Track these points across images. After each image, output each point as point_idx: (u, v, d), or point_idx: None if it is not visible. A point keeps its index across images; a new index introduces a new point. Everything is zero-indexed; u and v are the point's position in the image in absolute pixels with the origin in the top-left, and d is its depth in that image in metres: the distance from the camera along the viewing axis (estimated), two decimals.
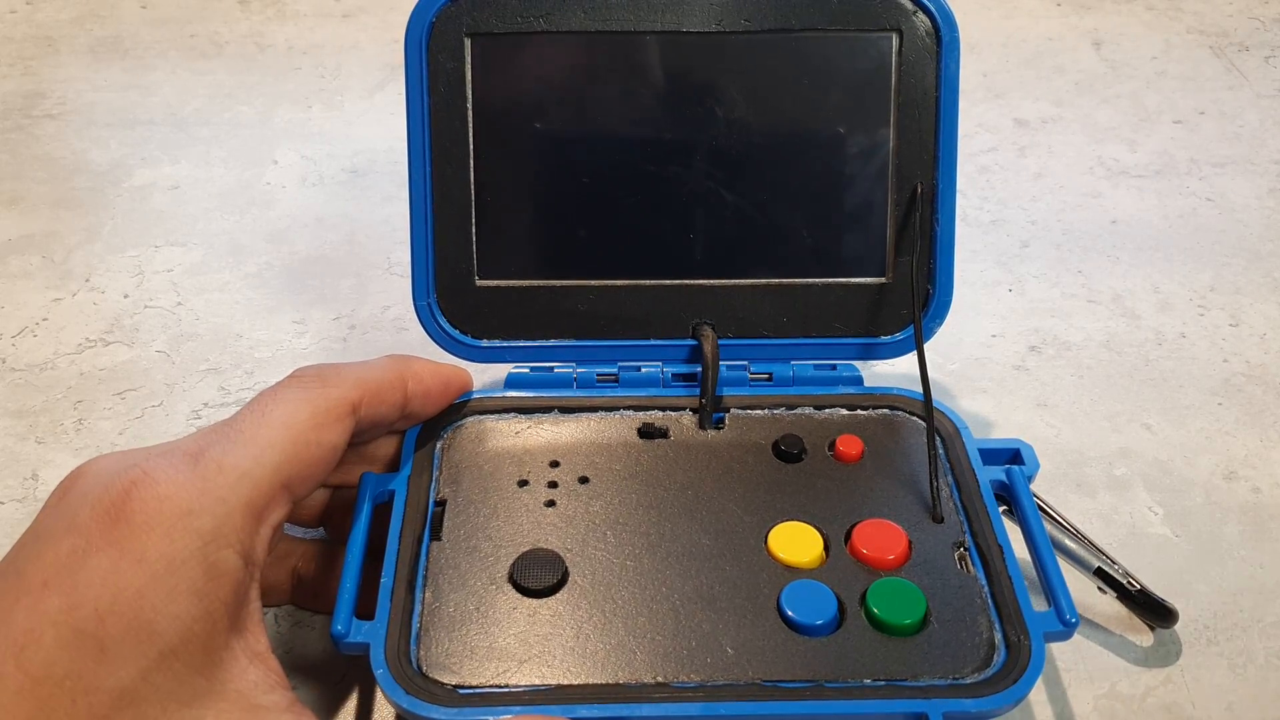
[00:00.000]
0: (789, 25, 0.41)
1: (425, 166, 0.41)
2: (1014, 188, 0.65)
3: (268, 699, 0.31)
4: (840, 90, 0.42)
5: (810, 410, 0.42)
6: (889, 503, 0.38)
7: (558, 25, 0.41)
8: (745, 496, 0.38)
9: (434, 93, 0.41)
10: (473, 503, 0.38)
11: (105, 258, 0.58)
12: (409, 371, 0.38)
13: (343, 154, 0.67)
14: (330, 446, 0.35)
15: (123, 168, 0.66)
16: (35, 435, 0.48)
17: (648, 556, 0.36)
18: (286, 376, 0.36)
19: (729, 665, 0.33)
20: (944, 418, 0.41)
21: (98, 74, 0.75)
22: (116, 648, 0.28)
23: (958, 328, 0.53)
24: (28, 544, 0.30)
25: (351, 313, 0.55)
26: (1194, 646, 0.39)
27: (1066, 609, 0.34)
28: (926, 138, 0.42)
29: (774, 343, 0.43)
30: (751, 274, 0.43)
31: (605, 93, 0.42)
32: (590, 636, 0.34)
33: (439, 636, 0.34)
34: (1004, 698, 0.32)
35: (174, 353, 0.52)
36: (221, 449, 0.32)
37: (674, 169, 0.42)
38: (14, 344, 0.53)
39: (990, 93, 0.74)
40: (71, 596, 0.28)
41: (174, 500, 0.30)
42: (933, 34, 0.41)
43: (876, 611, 0.34)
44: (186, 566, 0.30)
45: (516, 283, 0.43)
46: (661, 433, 0.41)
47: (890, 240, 0.42)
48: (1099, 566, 0.39)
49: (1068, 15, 0.83)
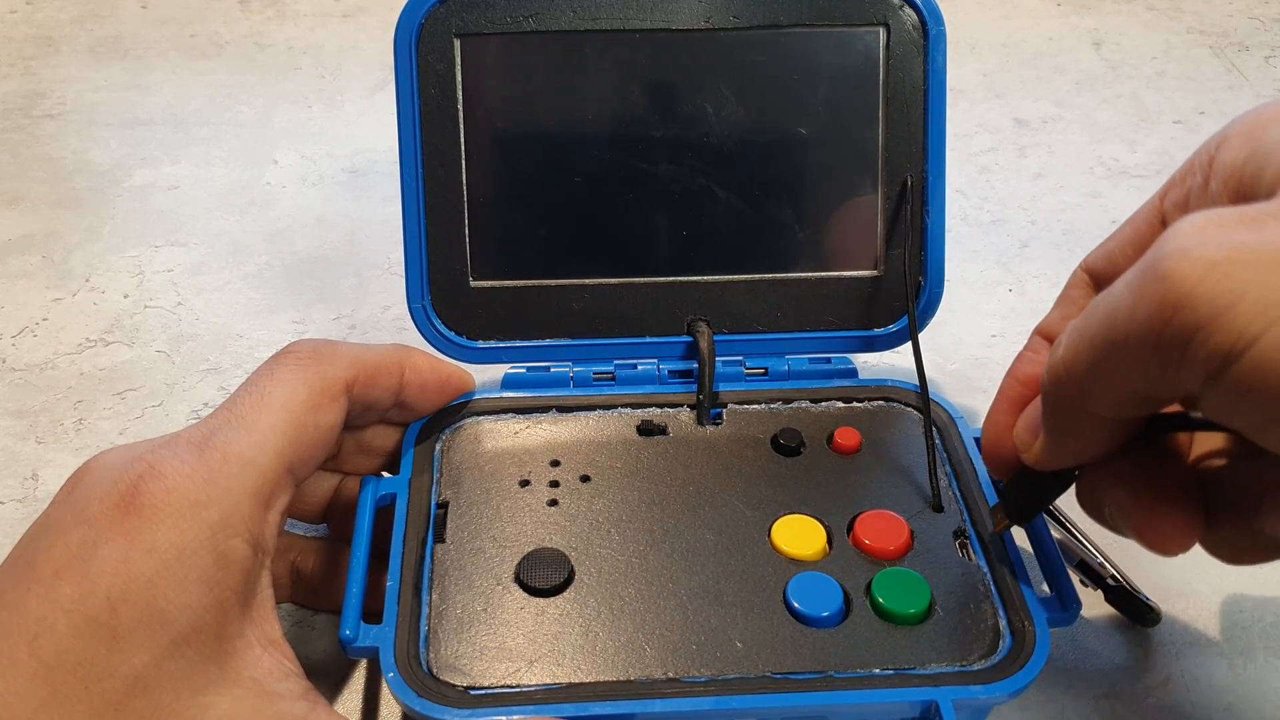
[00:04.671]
0: (777, 21, 0.42)
1: (417, 168, 0.41)
2: (1014, 188, 0.65)
3: (281, 686, 0.31)
4: (829, 85, 0.42)
5: (807, 404, 0.42)
6: (889, 493, 0.38)
7: (547, 25, 0.41)
8: (746, 491, 0.38)
9: (424, 94, 0.41)
10: (475, 504, 0.38)
11: (105, 258, 0.58)
12: (408, 361, 0.39)
13: (343, 154, 0.67)
14: (328, 427, 0.35)
15: (123, 168, 0.66)
16: (35, 435, 0.48)
17: (653, 553, 0.36)
18: (281, 351, 0.36)
19: (738, 659, 0.33)
20: (939, 408, 0.41)
21: (98, 74, 0.75)
22: (129, 635, 0.29)
23: (957, 328, 0.53)
24: (38, 536, 0.30)
25: (351, 313, 0.55)
26: (1194, 646, 0.39)
27: (1068, 594, 0.34)
28: (915, 131, 0.42)
29: (769, 337, 0.43)
30: (745, 270, 0.43)
31: (595, 91, 0.42)
32: (599, 634, 0.34)
33: (448, 638, 0.34)
34: (1011, 683, 0.32)
35: (174, 353, 0.52)
36: (225, 437, 0.32)
37: (665, 166, 0.42)
38: (14, 344, 0.53)
39: (990, 93, 0.74)
40: (83, 585, 0.29)
41: (182, 491, 0.31)
42: (919, 28, 0.42)
43: (882, 601, 0.34)
44: (197, 556, 0.30)
45: (511, 283, 0.43)
46: (660, 429, 0.41)
47: (881, 233, 0.43)
48: (1081, 560, 0.40)
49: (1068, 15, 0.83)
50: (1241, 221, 0.24)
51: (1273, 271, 0.22)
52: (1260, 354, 0.22)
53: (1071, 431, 0.29)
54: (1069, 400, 0.28)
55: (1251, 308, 0.22)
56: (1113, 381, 0.26)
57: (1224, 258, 0.23)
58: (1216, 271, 0.23)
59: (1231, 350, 0.23)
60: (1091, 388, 0.27)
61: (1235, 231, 0.23)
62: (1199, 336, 0.23)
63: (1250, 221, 0.24)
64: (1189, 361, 0.24)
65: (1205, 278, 0.23)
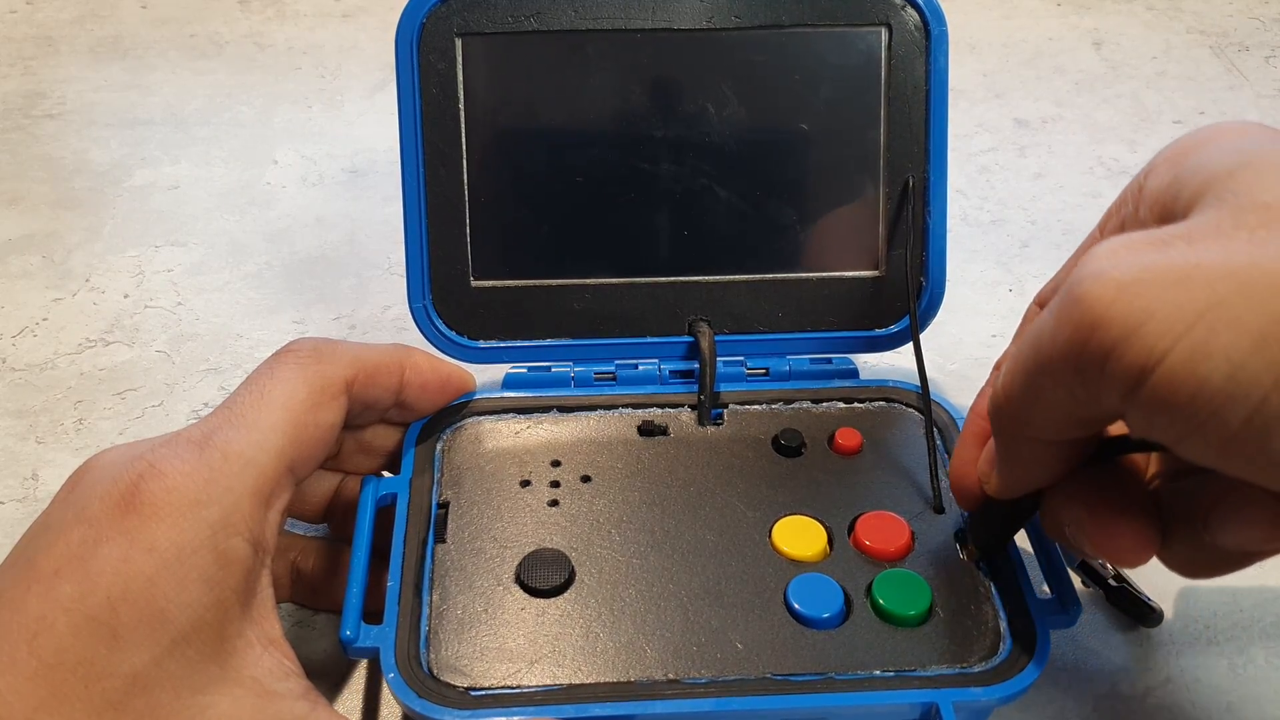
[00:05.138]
0: (779, 21, 0.42)
1: (418, 168, 0.41)
2: (1014, 188, 0.65)
3: (282, 685, 0.31)
4: (831, 85, 0.42)
5: (808, 404, 0.42)
6: (890, 494, 0.38)
7: (548, 24, 0.41)
8: (747, 491, 0.38)
9: (426, 93, 0.41)
10: (476, 504, 0.38)
11: (105, 258, 0.58)
12: (409, 360, 0.39)
13: (343, 154, 0.67)
14: (329, 426, 0.35)
15: (123, 168, 0.66)
16: (35, 435, 0.48)
17: (653, 554, 0.36)
18: (281, 350, 0.36)
19: (739, 660, 0.33)
20: (940, 408, 0.41)
21: (98, 74, 0.75)
22: (129, 634, 0.29)
23: (957, 328, 0.53)
24: (38, 535, 0.30)
25: (351, 313, 0.55)
26: (1194, 646, 0.39)
27: (1069, 596, 0.34)
28: (917, 131, 0.42)
29: (770, 338, 0.43)
30: (746, 270, 0.43)
31: (597, 91, 0.42)
32: (600, 635, 0.34)
33: (448, 639, 0.34)
34: (1012, 685, 0.32)
35: (174, 353, 0.52)
36: (225, 435, 0.32)
37: (666, 166, 0.42)
38: (14, 344, 0.53)
39: (990, 93, 0.74)
40: (83, 584, 0.29)
41: (182, 490, 0.31)
42: (921, 28, 0.42)
43: (882, 603, 0.34)
44: (197, 555, 0.30)
45: (512, 283, 0.43)
46: (661, 430, 0.41)
47: (883, 233, 0.43)
48: (1082, 560, 0.40)
49: (1068, 15, 0.83)
50: (1151, 244, 0.25)
51: (1178, 289, 0.23)
52: (1170, 369, 0.23)
53: (1020, 458, 0.30)
54: (1012, 427, 0.29)
55: (1160, 325, 0.23)
56: (1045, 405, 0.27)
57: (1133, 279, 0.24)
58: (1127, 293, 0.24)
59: (1144, 367, 0.23)
60: (1029, 413, 0.28)
61: (1144, 253, 0.24)
62: (1114, 355, 0.24)
63: (1159, 243, 0.25)
64: (1107, 380, 0.24)
65: (1117, 299, 0.24)
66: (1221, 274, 0.23)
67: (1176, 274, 0.24)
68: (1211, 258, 0.24)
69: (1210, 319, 0.23)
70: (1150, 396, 0.24)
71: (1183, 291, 0.23)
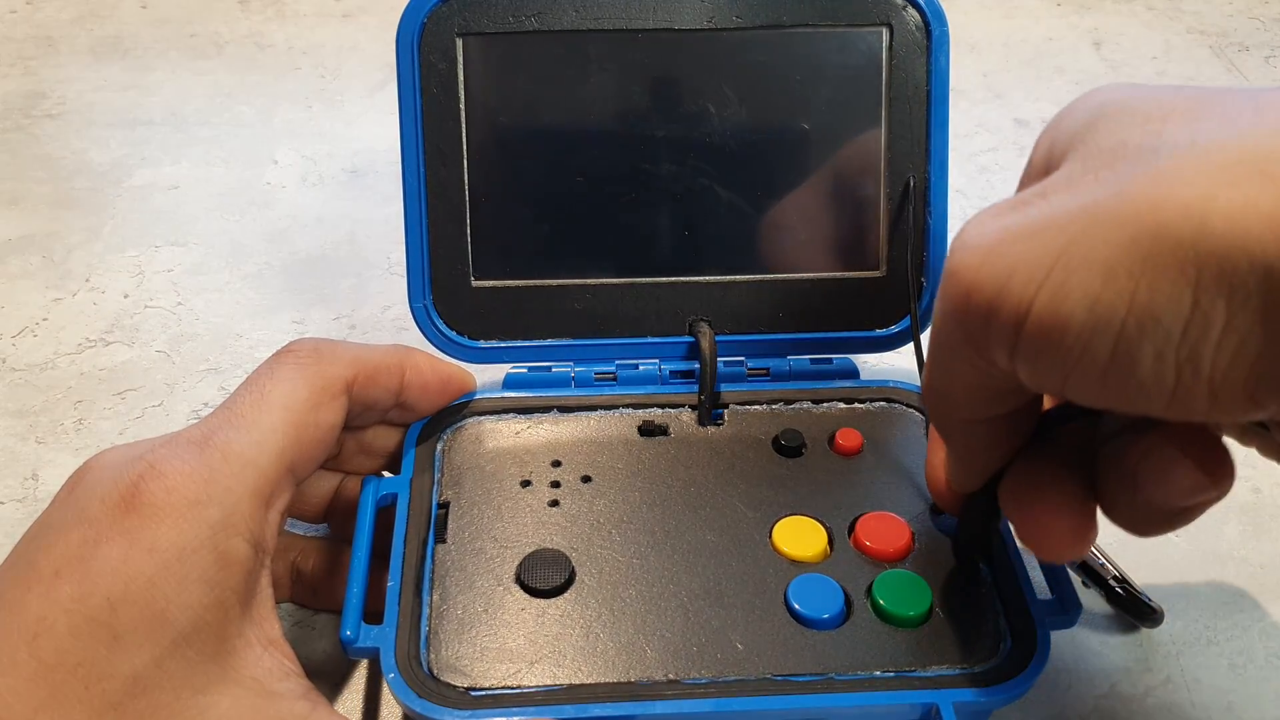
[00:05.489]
0: (780, 21, 0.42)
1: (419, 168, 0.41)
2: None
3: (282, 686, 0.31)
4: (832, 85, 0.42)
5: (808, 404, 0.42)
6: (890, 495, 0.38)
7: (549, 24, 0.41)
8: (747, 492, 0.38)
9: (427, 93, 0.41)
10: (476, 504, 0.38)
11: (105, 258, 0.58)
12: (409, 361, 0.39)
13: (343, 154, 0.67)
14: (329, 426, 0.35)
15: (123, 168, 0.66)
16: (35, 435, 0.48)
17: (654, 554, 0.36)
18: (281, 350, 0.36)
19: (739, 661, 0.33)
20: None
21: (98, 74, 0.75)
22: (129, 635, 0.29)
23: None
24: (38, 535, 0.30)
25: (351, 313, 0.55)
26: (1194, 646, 0.39)
27: (1069, 597, 0.34)
28: (918, 131, 0.42)
29: (770, 338, 0.43)
30: (747, 270, 0.43)
31: (598, 91, 0.42)
32: (600, 635, 0.34)
33: (448, 639, 0.34)
34: (1013, 686, 0.32)
35: (174, 353, 0.52)
36: (225, 436, 0.32)
37: (667, 166, 0.42)
38: (14, 344, 0.53)
39: (990, 93, 0.74)
40: (83, 585, 0.29)
41: (182, 491, 0.31)
42: (922, 28, 0.42)
43: (883, 604, 0.34)
44: (197, 555, 0.30)
45: (513, 283, 0.43)
46: (662, 430, 0.41)
47: (884, 234, 0.43)
48: (1083, 560, 0.40)
49: (1068, 15, 0.83)
50: (1011, 207, 0.26)
51: (1033, 241, 0.24)
52: (1038, 316, 0.24)
53: (960, 443, 0.31)
54: (942, 410, 0.30)
55: (1023, 276, 0.24)
56: (957, 382, 0.28)
57: (996, 240, 0.25)
58: (993, 255, 0.25)
59: (1016, 319, 0.24)
60: (948, 394, 0.29)
61: (1005, 217, 0.25)
62: (991, 316, 0.25)
63: (1019, 204, 0.26)
64: (993, 341, 0.25)
65: (984, 263, 0.25)
66: (1070, 218, 0.24)
67: (1033, 227, 0.25)
68: (1063, 206, 0.25)
69: (1064, 260, 0.24)
70: (1028, 346, 0.25)
71: (1038, 242, 0.24)
